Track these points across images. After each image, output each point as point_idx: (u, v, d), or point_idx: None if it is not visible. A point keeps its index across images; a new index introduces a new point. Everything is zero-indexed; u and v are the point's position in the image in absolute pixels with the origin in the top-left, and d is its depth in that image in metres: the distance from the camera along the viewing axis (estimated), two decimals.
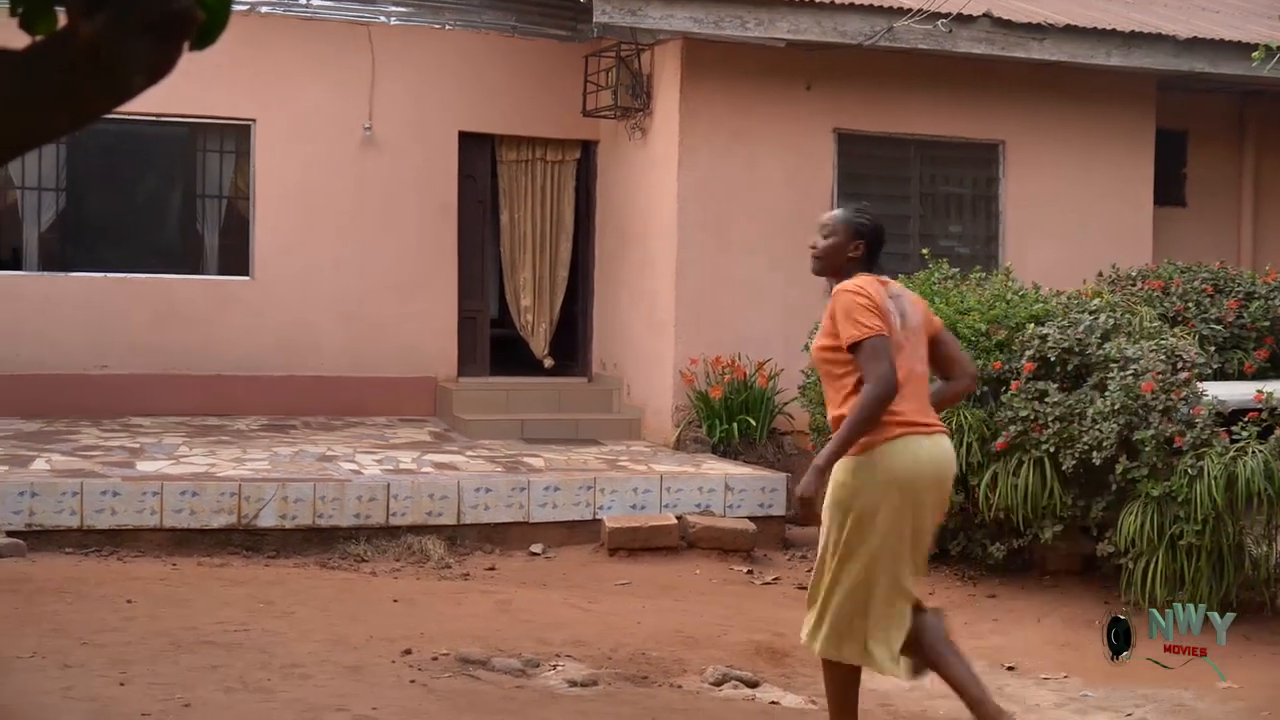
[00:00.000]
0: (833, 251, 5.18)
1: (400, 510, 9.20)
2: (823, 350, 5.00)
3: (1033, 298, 9.10)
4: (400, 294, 13.37)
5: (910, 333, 4.96)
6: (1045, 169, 13.14)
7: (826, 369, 5.01)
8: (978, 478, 8.33)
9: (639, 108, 12.58)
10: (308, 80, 13.14)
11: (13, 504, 8.58)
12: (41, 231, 12.89)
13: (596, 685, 5.98)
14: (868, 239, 5.23)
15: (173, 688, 5.30)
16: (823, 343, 4.99)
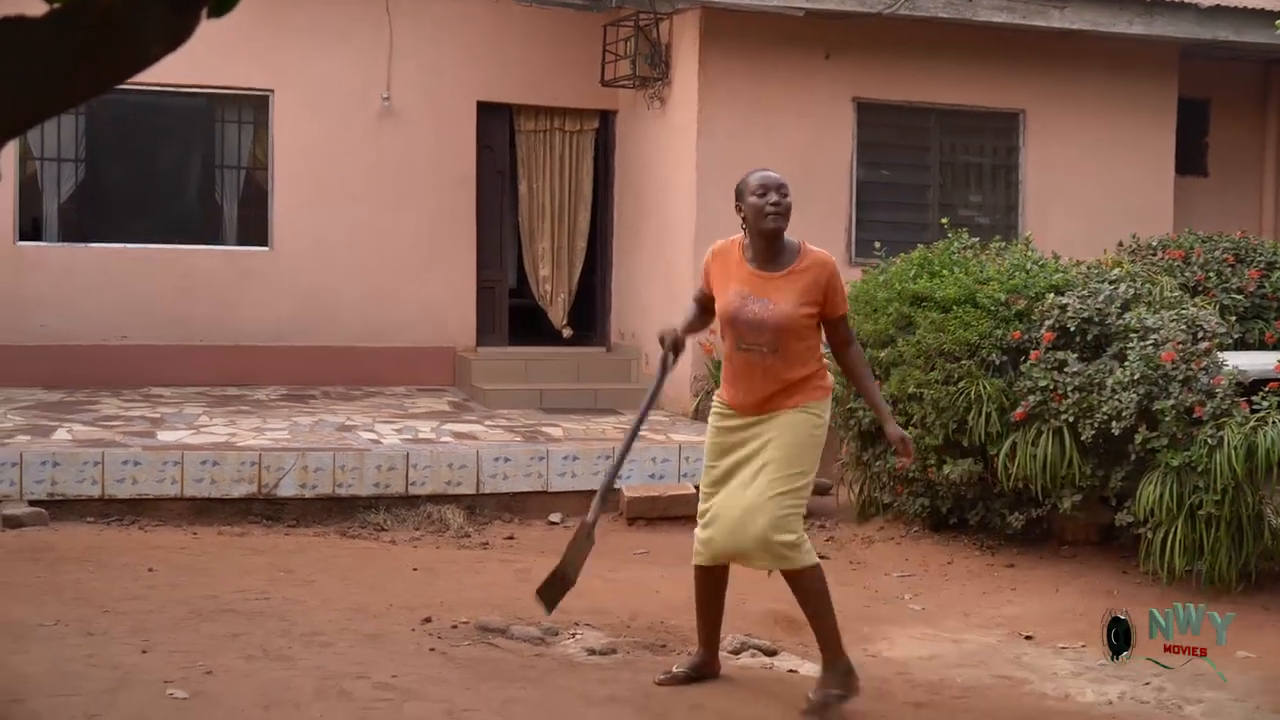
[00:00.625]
0: (789, 210, 5.39)
1: (419, 480, 9.23)
2: (808, 317, 5.27)
3: (1052, 267, 9.07)
4: (419, 264, 13.38)
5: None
6: (1066, 138, 13.07)
7: (801, 333, 5.28)
8: (996, 447, 8.32)
9: (657, 77, 12.55)
10: (326, 51, 13.13)
11: (35, 473, 8.63)
12: (61, 202, 12.92)
13: (615, 654, 6.00)
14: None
15: (194, 655, 5.33)
16: (809, 310, 5.25)
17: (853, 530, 9.45)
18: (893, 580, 8.32)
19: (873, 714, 5.28)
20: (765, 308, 5.28)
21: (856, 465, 9.58)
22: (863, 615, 7.32)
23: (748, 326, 5.32)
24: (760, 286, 5.33)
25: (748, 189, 5.48)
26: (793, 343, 5.25)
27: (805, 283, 5.25)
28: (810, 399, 5.32)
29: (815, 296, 5.25)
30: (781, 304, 5.25)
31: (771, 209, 5.34)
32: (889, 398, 8.91)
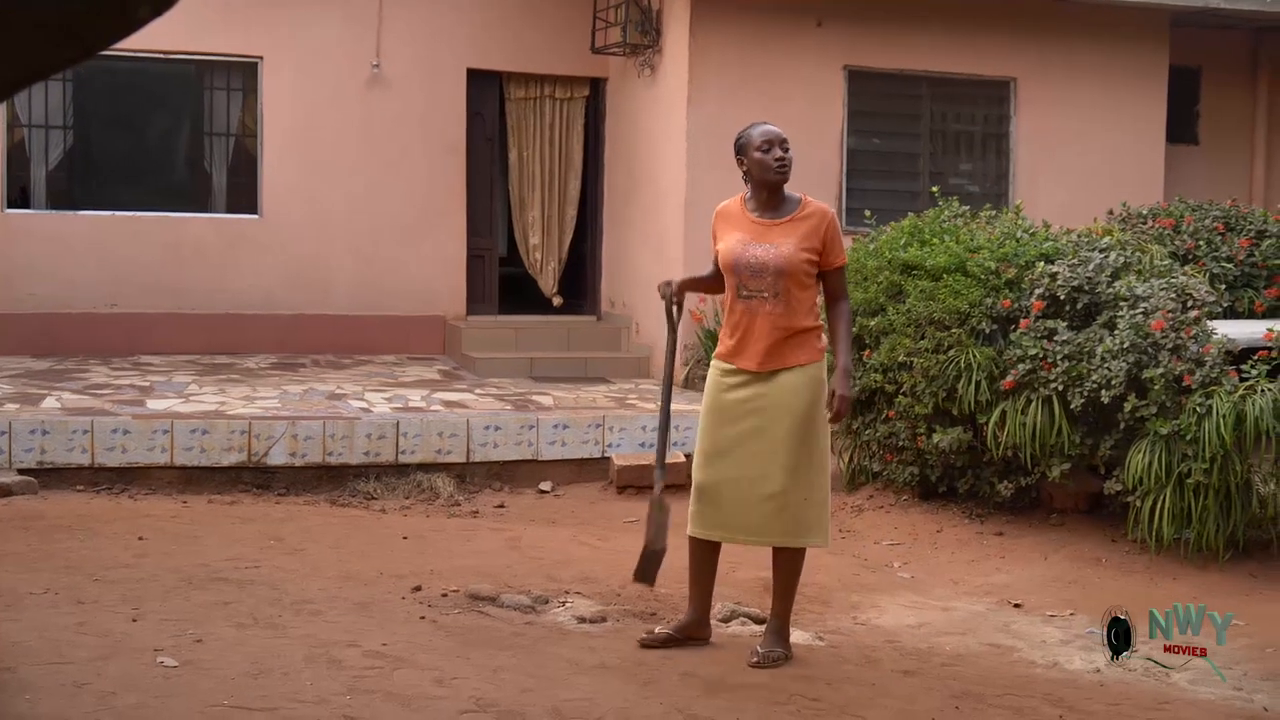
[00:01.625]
0: (791, 163, 5.63)
1: (410, 448, 9.23)
2: (809, 263, 5.43)
3: (1043, 236, 9.07)
4: (409, 232, 13.36)
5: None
6: (1057, 106, 13.05)
7: (802, 279, 5.42)
8: (986, 416, 8.33)
9: (648, 45, 12.51)
10: (315, 17, 13.07)
11: (24, 442, 8.62)
12: (49, 170, 12.86)
13: (605, 622, 6.02)
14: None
15: (184, 623, 5.34)
16: (810, 256, 5.44)
17: (842, 499, 9.46)
18: (882, 548, 8.35)
19: (862, 681, 5.31)
20: (767, 251, 5.43)
21: (846, 434, 9.59)
22: (852, 583, 7.35)
23: (749, 271, 5.45)
24: (761, 233, 5.50)
25: (751, 144, 5.64)
26: (794, 289, 5.37)
27: (806, 229, 5.45)
28: (812, 359, 5.41)
29: (814, 243, 5.42)
30: (783, 247, 5.40)
31: (776, 163, 5.55)
32: (879, 366, 8.92)
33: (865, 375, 9.08)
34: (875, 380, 8.98)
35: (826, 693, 5.04)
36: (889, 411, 8.95)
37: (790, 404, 5.36)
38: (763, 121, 5.79)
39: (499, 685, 4.78)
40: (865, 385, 9.09)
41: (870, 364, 9.02)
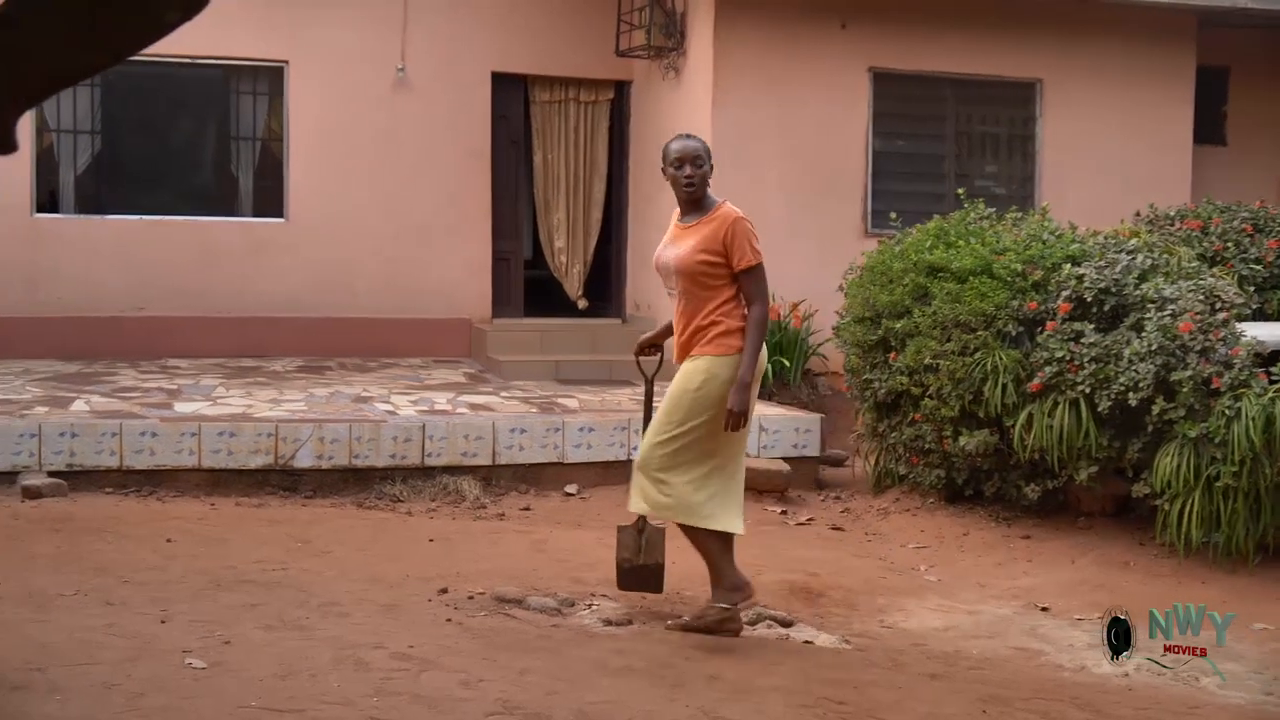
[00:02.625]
0: (705, 179, 5.98)
1: (436, 451, 9.25)
2: (705, 264, 5.75)
3: (1069, 238, 9.04)
4: (434, 235, 13.39)
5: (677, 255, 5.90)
6: (1083, 108, 13.00)
7: (701, 280, 5.76)
8: (1012, 419, 8.30)
9: (672, 47, 12.51)
10: (340, 22, 13.11)
11: (54, 444, 8.66)
12: (77, 174, 12.93)
13: (631, 624, 6.02)
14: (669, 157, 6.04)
15: (213, 625, 5.36)
16: (706, 258, 5.76)
17: (868, 502, 9.46)
18: (908, 552, 8.33)
19: (889, 685, 5.29)
20: (669, 253, 5.91)
21: (872, 436, 9.58)
22: (878, 587, 7.33)
23: (662, 271, 5.98)
24: (675, 237, 5.97)
25: (667, 159, 6.01)
26: (695, 289, 5.76)
27: (708, 232, 5.79)
28: (707, 351, 5.72)
29: (715, 246, 5.75)
30: (682, 249, 5.82)
31: (685, 180, 5.93)
32: (905, 368, 8.90)
33: (891, 378, 9.06)
34: (901, 383, 8.96)
35: (853, 696, 5.03)
36: (915, 414, 8.93)
37: (676, 386, 5.79)
38: (685, 136, 6.12)
39: (525, 687, 4.78)
40: (891, 388, 9.08)
41: (896, 366, 9.01)
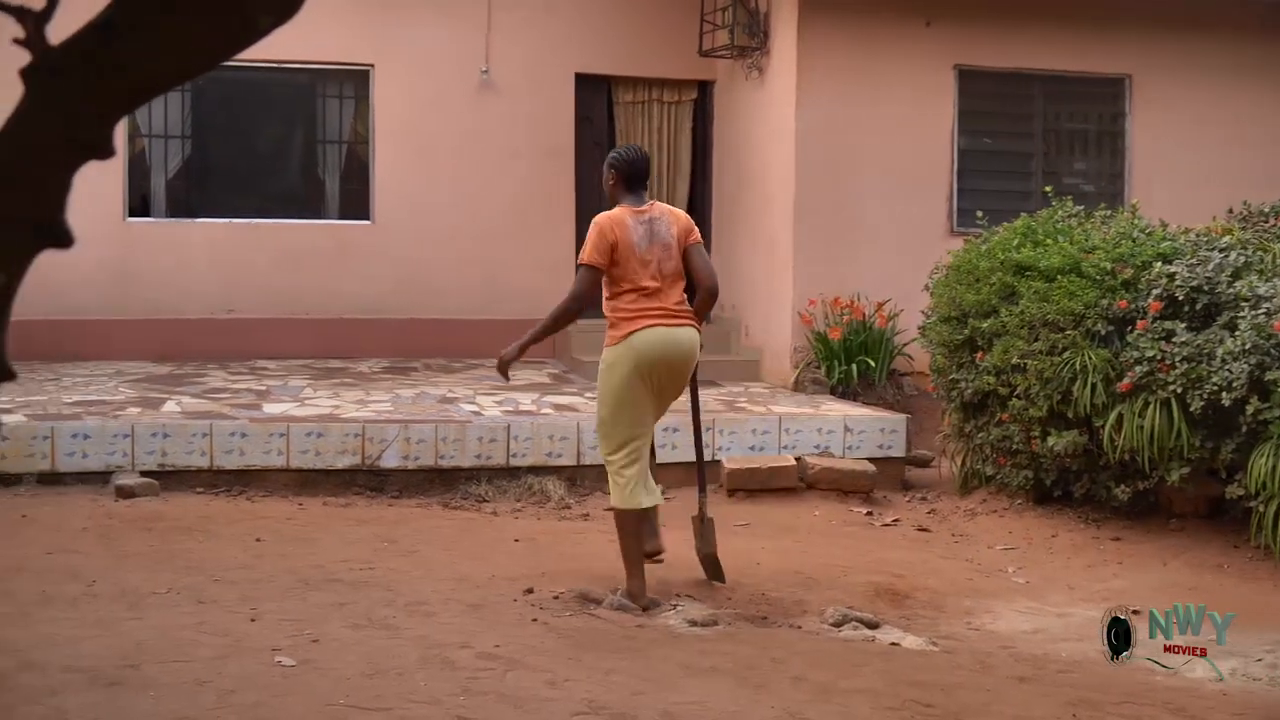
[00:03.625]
0: (607, 188, 6.67)
1: (520, 451, 9.29)
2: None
3: (1160, 235, 8.90)
4: (517, 236, 13.45)
5: (659, 246, 6.45)
6: (1174, 103, 12.80)
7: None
8: (1102, 419, 8.19)
9: (756, 47, 12.48)
10: (425, 25, 13.21)
11: (146, 445, 8.80)
12: (168, 179, 13.14)
13: (716, 625, 6.00)
14: (619, 170, 6.57)
15: (301, 624, 5.42)
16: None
17: (955, 503, 9.38)
18: (995, 553, 8.24)
19: (976, 688, 5.24)
20: None
21: (959, 437, 9.50)
22: (965, 588, 7.27)
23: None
24: None
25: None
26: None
27: None
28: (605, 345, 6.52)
29: None
30: None
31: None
32: (992, 368, 8.82)
33: (978, 378, 8.98)
34: (988, 383, 8.87)
35: (940, 699, 4.98)
36: (1002, 414, 8.84)
37: None
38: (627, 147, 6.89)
39: (610, 688, 4.78)
40: (978, 388, 8.99)
41: (983, 366, 8.92)
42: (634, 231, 6.41)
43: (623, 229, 6.39)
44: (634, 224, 6.43)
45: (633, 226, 6.42)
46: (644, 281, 6.40)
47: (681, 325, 6.44)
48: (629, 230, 6.40)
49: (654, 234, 6.46)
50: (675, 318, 6.44)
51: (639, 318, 6.37)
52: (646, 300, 6.40)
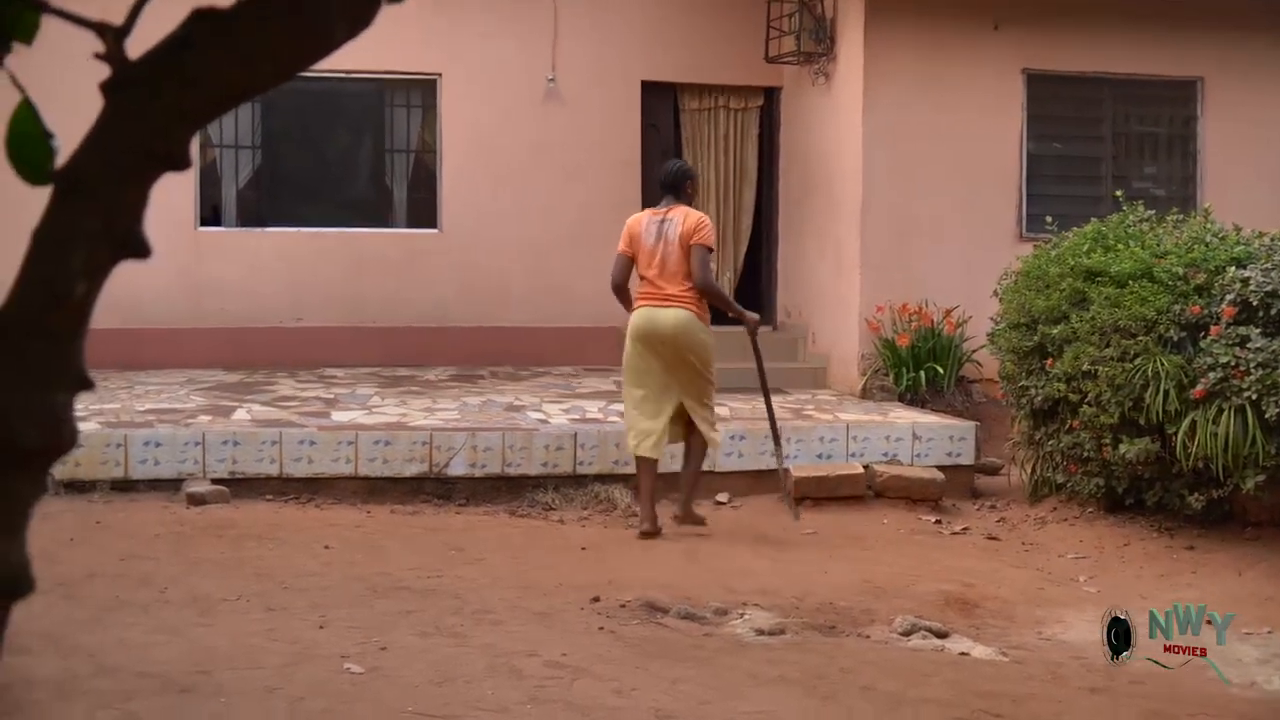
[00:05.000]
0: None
1: (587, 459, 9.30)
2: None
3: (1233, 240, 8.78)
4: (584, 244, 13.46)
5: (663, 243, 8.00)
6: (1247, 106, 12.63)
7: None
8: (1175, 426, 8.08)
9: (822, 52, 12.44)
10: (491, 34, 13.27)
11: (216, 453, 8.89)
12: (239, 188, 13.28)
13: (784, 634, 5.98)
14: (661, 181, 8.35)
15: (370, 631, 5.45)
16: None
17: (1025, 511, 9.29)
18: (1066, 562, 8.16)
19: (1048, 698, 5.19)
20: None
21: (1029, 444, 9.41)
22: (1036, 597, 7.20)
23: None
24: None
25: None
26: None
27: None
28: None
29: None
30: None
31: None
32: (1062, 375, 8.73)
33: (1048, 384, 8.89)
34: (1059, 389, 8.78)
35: (1011, 709, 4.94)
36: (1073, 421, 8.75)
37: None
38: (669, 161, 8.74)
39: (677, 697, 4.78)
40: (1048, 395, 8.91)
41: (1053, 373, 8.83)
42: (646, 229, 8.06)
43: (638, 226, 8.14)
44: (648, 223, 8.10)
45: (646, 225, 8.09)
46: (646, 271, 8.07)
47: (668, 306, 7.99)
48: (642, 228, 8.09)
49: (661, 232, 8.00)
50: (665, 300, 7.99)
51: (639, 299, 8.13)
52: (647, 286, 8.09)
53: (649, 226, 8.02)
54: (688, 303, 7.98)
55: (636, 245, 8.07)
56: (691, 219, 8.01)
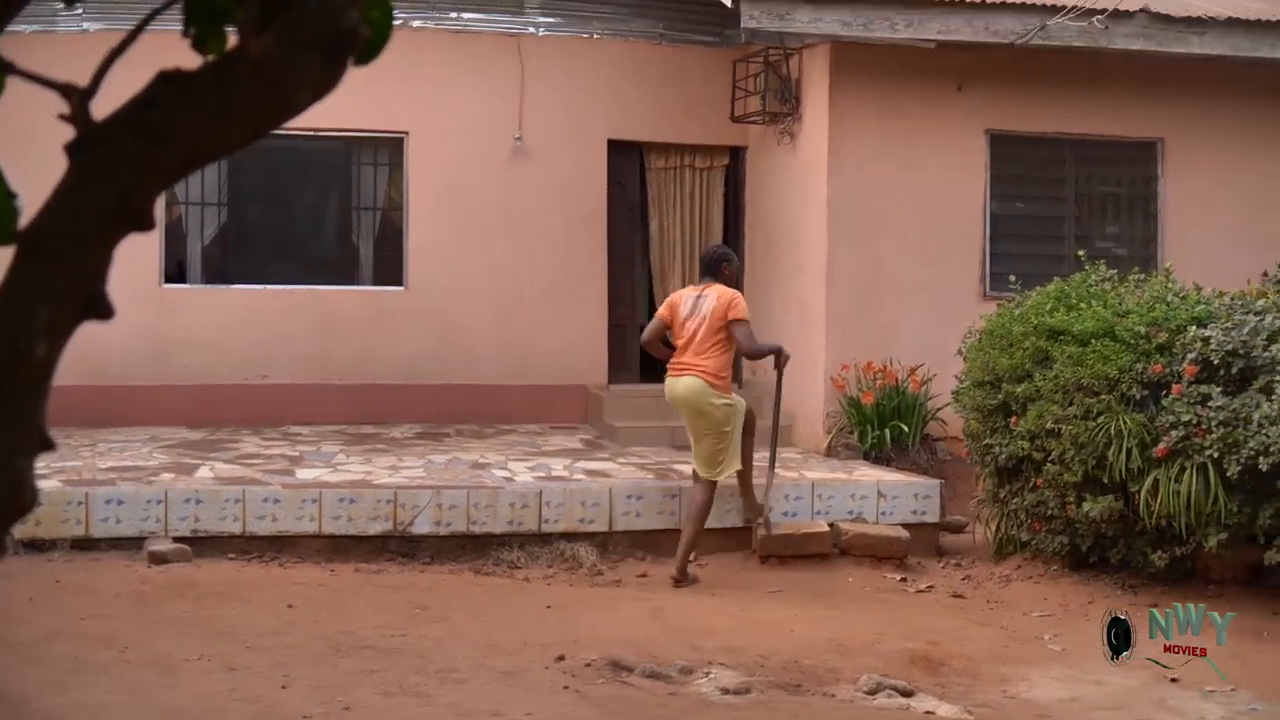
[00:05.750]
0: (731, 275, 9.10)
1: (553, 517, 9.27)
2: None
3: (1194, 299, 8.87)
4: (551, 302, 13.50)
5: (697, 318, 8.73)
6: (1206, 167, 12.79)
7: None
8: (1138, 484, 8.13)
9: (787, 112, 12.54)
10: (459, 92, 13.34)
11: (179, 510, 8.83)
12: (205, 245, 13.26)
13: (750, 693, 5.96)
14: (701, 261, 9.30)
15: (333, 691, 5.41)
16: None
17: (990, 569, 9.30)
18: (1031, 620, 8.17)
19: None
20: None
21: (993, 502, 9.44)
22: (1001, 655, 7.20)
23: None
24: None
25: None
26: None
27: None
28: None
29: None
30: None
31: None
32: (1026, 433, 8.77)
33: (1012, 442, 8.93)
34: (1022, 448, 8.82)
35: None
36: (1037, 479, 8.78)
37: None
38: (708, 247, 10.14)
39: None
40: (1012, 453, 8.94)
41: (1018, 431, 8.88)
42: (684, 303, 8.85)
43: (680, 299, 8.95)
44: (688, 298, 8.89)
45: (685, 299, 8.89)
46: (676, 341, 8.86)
47: (682, 375, 8.81)
48: (682, 301, 8.90)
49: (696, 308, 8.74)
50: (683, 370, 8.81)
51: (670, 368, 8.95)
52: (676, 355, 8.90)
53: (688, 301, 8.81)
54: (702, 371, 8.72)
55: (674, 315, 8.85)
56: (725, 297, 8.73)
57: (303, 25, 1.27)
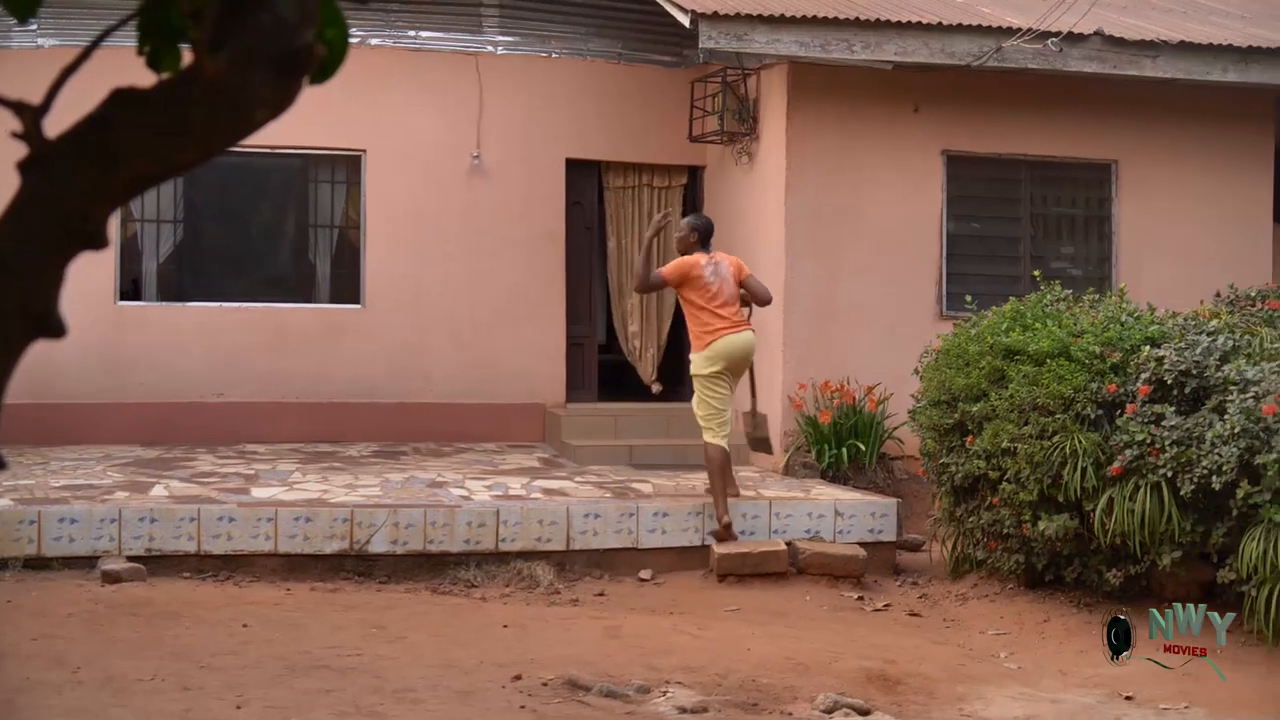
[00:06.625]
0: (681, 242, 9.77)
1: (510, 536, 9.25)
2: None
3: (1148, 319, 8.94)
4: (508, 321, 13.48)
5: (722, 280, 9.53)
6: (1160, 188, 12.92)
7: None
8: (1092, 503, 8.18)
9: (745, 132, 12.59)
10: (417, 111, 13.32)
11: (133, 529, 8.76)
12: (160, 263, 13.17)
13: (707, 712, 5.96)
14: (700, 231, 9.75)
15: (287, 711, 5.37)
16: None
17: (946, 587, 9.34)
18: (987, 638, 8.20)
19: None
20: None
21: (949, 521, 9.48)
22: (957, 674, 7.22)
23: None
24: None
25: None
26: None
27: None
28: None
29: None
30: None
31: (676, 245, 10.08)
32: (982, 452, 8.82)
33: (968, 462, 8.98)
34: (978, 467, 8.87)
35: None
36: (993, 498, 8.83)
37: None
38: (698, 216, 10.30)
39: None
40: (969, 472, 8.99)
41: (974, 450, 8.92)
42: (705, 270, 9.51)
43: (698, 268, 9.53)
44: (706, 264, 9.54)
45: (705, 266, 9.53)
46: (710, 304, 9.52)
47: (742, 330, 9.61)
48: (702, 269, 9.52)
49: (719, 272, 9.56)
50: (740, 326, 9.60)
51: (717, 331, 9.52)
52: (718, 312, 9.51)
53: (707, 268, 9.53)
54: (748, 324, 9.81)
55: (696, 284, 9.52)
56: (732, 259, 9.81)
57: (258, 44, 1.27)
